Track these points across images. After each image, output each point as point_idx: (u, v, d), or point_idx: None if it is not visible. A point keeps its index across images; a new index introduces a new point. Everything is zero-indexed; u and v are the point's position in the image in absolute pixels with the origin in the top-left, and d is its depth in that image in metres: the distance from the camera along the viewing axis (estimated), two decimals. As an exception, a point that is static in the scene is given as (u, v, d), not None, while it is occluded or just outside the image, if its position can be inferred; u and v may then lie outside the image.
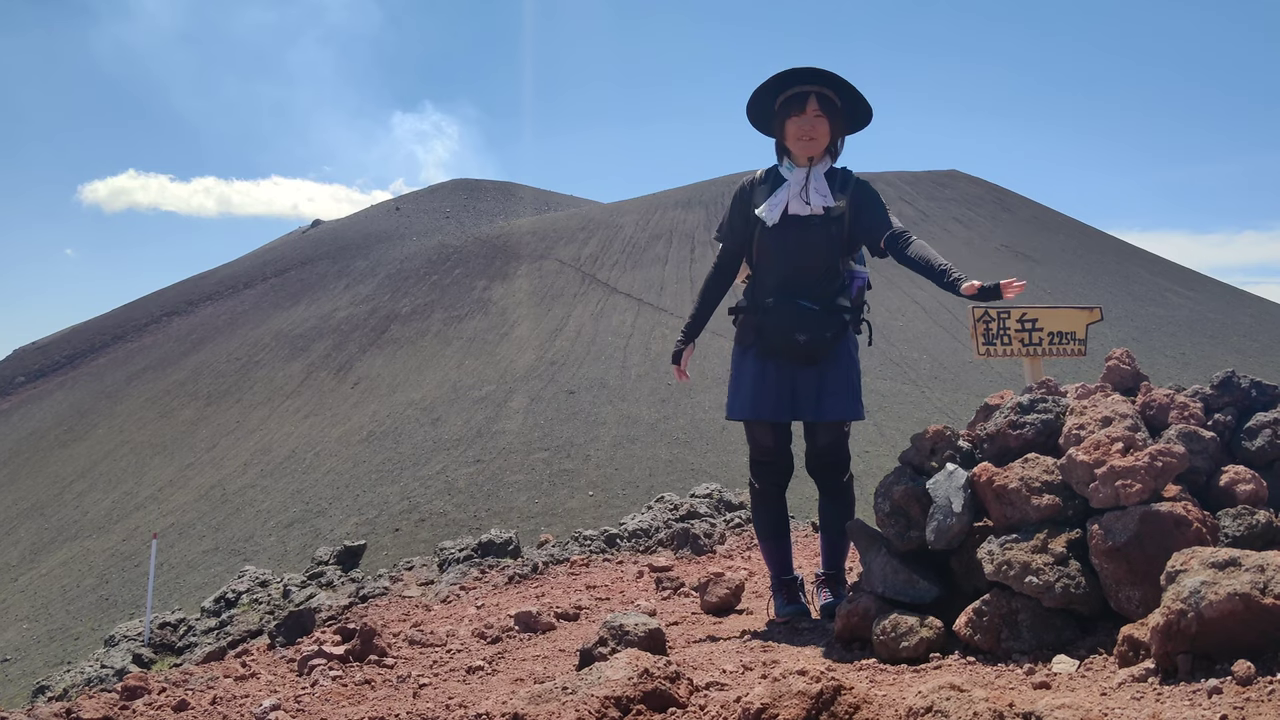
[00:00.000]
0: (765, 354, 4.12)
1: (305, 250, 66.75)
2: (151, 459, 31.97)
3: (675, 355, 4.46)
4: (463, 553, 7.28)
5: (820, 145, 4.08)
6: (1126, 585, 2.90)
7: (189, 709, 3.73)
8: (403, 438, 25.85)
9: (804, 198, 4.07)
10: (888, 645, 3.25)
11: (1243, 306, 40.91)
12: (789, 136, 4.12)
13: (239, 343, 45.56)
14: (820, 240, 4.05)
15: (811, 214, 4.05)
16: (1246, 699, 2.20)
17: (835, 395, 4.10)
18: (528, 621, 4.78)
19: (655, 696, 2.78)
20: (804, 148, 4.08)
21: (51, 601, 20.57)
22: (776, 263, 4.12)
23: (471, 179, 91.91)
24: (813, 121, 4.05)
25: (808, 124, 4.05)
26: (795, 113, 4.07)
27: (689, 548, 6.76)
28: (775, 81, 4.13)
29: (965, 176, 60.07)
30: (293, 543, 19.71)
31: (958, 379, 27.48)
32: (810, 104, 4.04)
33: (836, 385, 4.11)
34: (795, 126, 4.07)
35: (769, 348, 4.10)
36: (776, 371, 4.11)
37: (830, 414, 4.11)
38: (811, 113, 4.04)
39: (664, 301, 37.78)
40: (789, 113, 4.09)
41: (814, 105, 4.04)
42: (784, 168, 4.18)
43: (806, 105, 4.04)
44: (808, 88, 4.06)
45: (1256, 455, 3.37)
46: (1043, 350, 5.03)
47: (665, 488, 16.82)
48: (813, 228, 4.05)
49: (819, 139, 4.07)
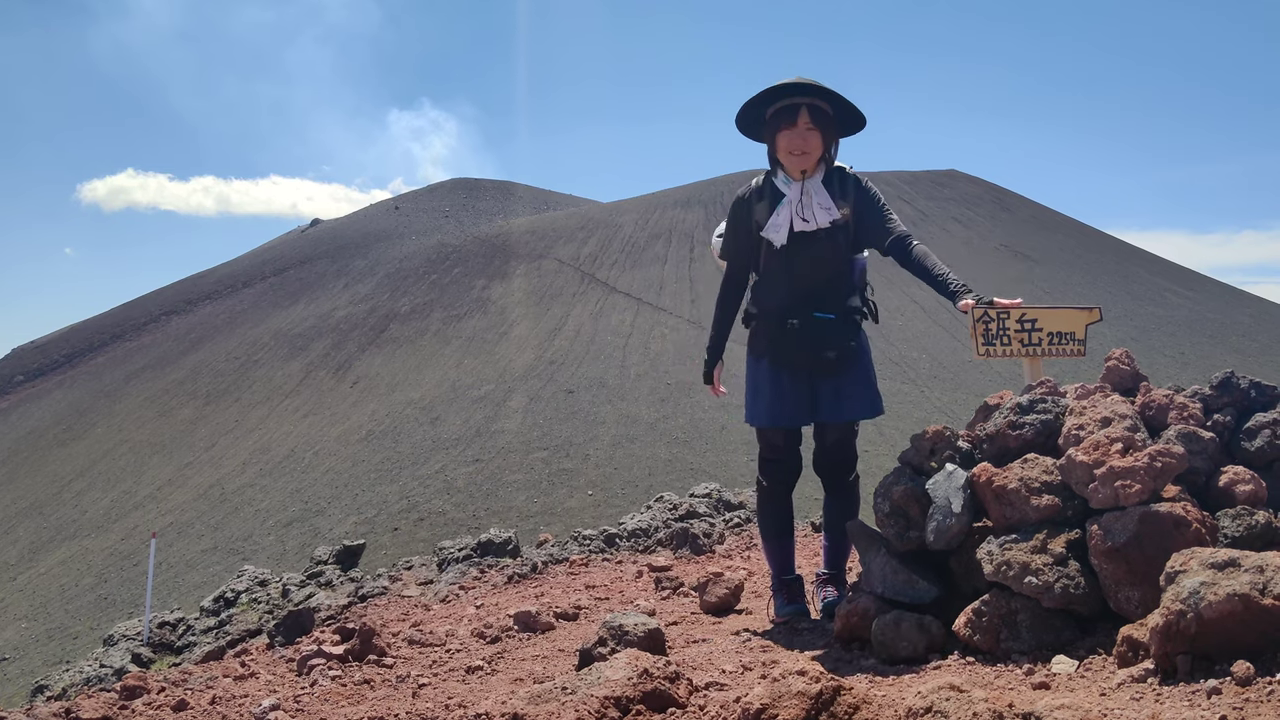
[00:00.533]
0: (781, 364, 4.10)
1: (304, 249, 66.74)
2: (150, 458, 31.95)
3: (706, 376, 4.47)
4: (462, 552, 7.28)
5: (813, 159, 4.02)
6: (1126, 586, 2.90)
7: (188, 709, 3.73)
8: (402, 437, 25.84)
9: (802, 214, 4.01)
10: (887, 645, 3.25)
11: (1242, 306, 40.93)
12: (780, 149, 4.05)
13: (238, 342, 45.54)
14: (828, 252, 4.04)
15: (817, 229, 4.01)
16: (1246, 700, 2.21)
17: (854, 395, 4.10)
18: (527, 621, 4.78)
19: (655, 697, 2.78)
20: (796, 162, 4.02)
21: (50, 601, 20.55)
22: (786, 278, 4.08)
23: (470, 178, 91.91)
24: (804, 135, 3.98)
25: (799, 137, 3.98)
26: (786, 125, 4.00)
27: (688, 547, 6.76)
28: (766, 95, 4.06)
29: (964, 176, 60.08)
30: (291, 542, 19.70)
31: (957, 379, 27.49)
32: (802, 116, 3.97)
33: (855, 385, 4.11)
34: (787, 140, 4.01)
35: (791, 364, 4.07)
36: (792, 377, 4.10)
37: (851, 414, 4.11)
38: (803, 125, 3.97)
39: (663, 301, 37.78)
40: (780, 124, 4.02)
41: (805, 118, 3.97)
42: (780, 180, 4.12)
43: (798, 118, 3.97)
44: (799, 99, 3.99)
45: (1256, 456, 3.37)
46: (1042, 350, 5.02)
47: (664, 487, 16.81)
48: (819, 241, 4.02)
49: (811, 152, 4.01)
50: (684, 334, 32.45)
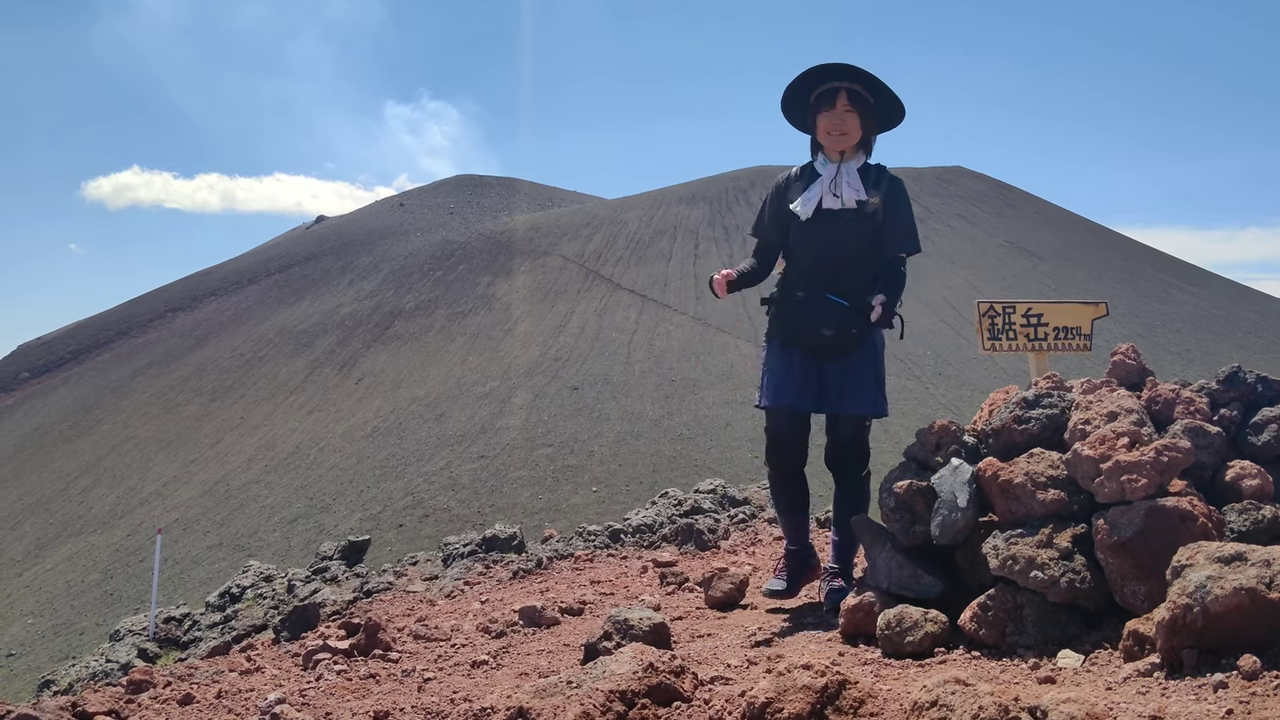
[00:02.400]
0: (790, 344, 4.17)
1: (309, 246, 66.79)
2: (156, 454, 32.02)
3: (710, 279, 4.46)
4: (467, 548, 7.29)
5: (851, 140, 4.12)
6: (1132, 580, 2.90)
7: (194, 703, 3.74)
8: (406, 433, 25.88)
9: (834, 191, 4.10)
10: (892, 640, 3.25)
11: (1247, 303, 40.80)
12: (820, 131, 4.17)
13: (243, 338, 45.61)
14: (851, 235, 4.09)
15: (844, 208, 4.09)
16: (1252, 693, 2.20)
17: (859, 389, 4.12)
18: (532, 616, 4.78)
19: (660, 690, 2.78)
20: (835, 142, 4.12)
21: (56, 596, 20.62)
22: (808, 256, 4.17)
23: (475, 175, 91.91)
24: (842, 116, 4.09)
25: (838, 118, 4.09)
26: (826, 108, 4.11)
27: (693, 543, 6.76)
28: (807, 77, 4.17)
29: (969, 172, 59.93)
30: (297, 538, 19.75)
31: (962, 374, 27.44)
32: (840, 99, 4.08)
33: (861, 379, 4.12)
34: (826, 121, 4.12)
35: (794, 339, 4.15)
36: (801, 361, 4.16)
37: (853, 407, 4.13)
38: (841, 107, 4.08)
39: (668, 298, 37.76)
40: (820, 108, 4.14)
41: (844, 100, 4.08)
42: (818, 163, 4.24)
43: (837, 100, 4.08)
44: (839, 84, 4.10)
45: (1262, 450, 3.36)
46: (1048, 345, 5.02)
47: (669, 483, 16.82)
48: (844, 222, 4.09)
49: (850, 134, 4.11)
50: (688, 331, 32.42)
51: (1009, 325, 4.94)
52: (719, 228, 48.49)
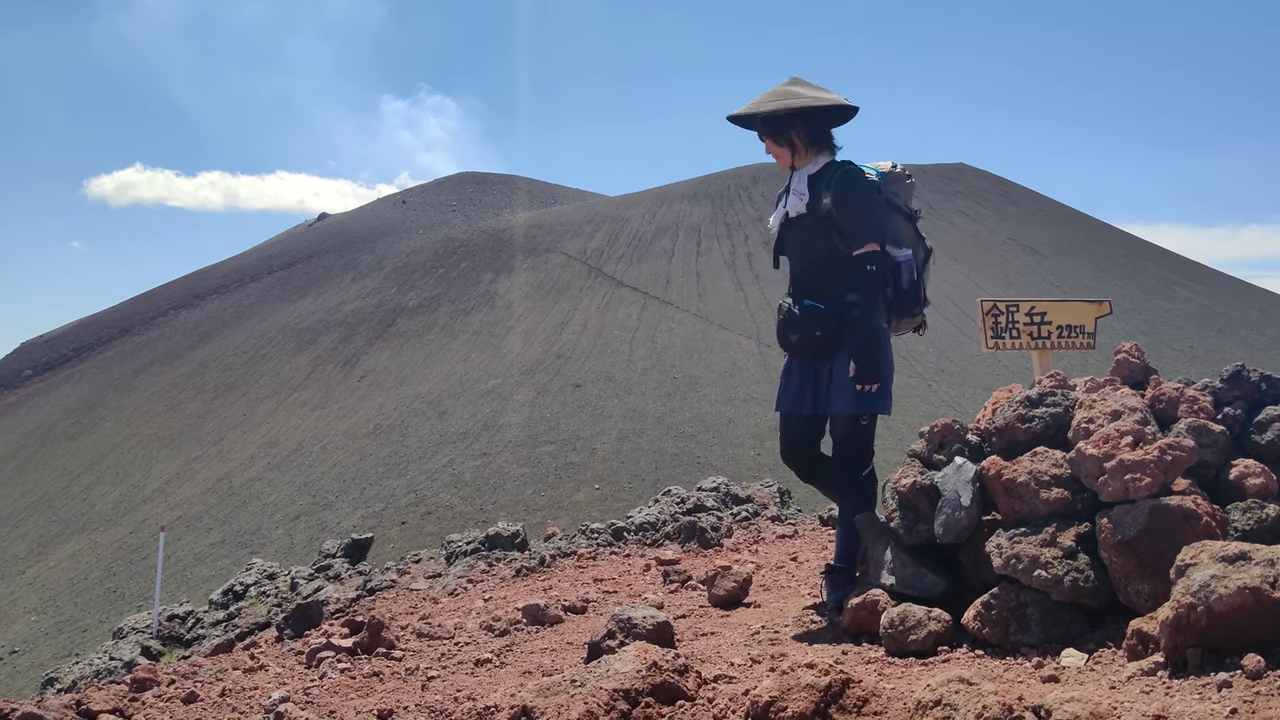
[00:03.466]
0: (785, 351, 4.32)
1: (311, 244, 66.85)
2: (159, 452, 32.08)
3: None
4: (470, 545, 7.29)
5: (785, 164, 4.30)
6: (1135, 579, 2.89)
7: (198, 700, 3.75)
8: (409, 431, 25.90)
9: (786, 202, 4.30)
10: (896, 639, 3.25)
11: (1250, 300, 40.77)
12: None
13: (245, 336, 45.67)
14: (810, 239, 4.19)
15: (800, 214, 4.21)
16: (1256, 692, 2.20)
17: (840, 388, 4.12)
18: (535, 614, 4.79)
19: (663, 689, 2.78)
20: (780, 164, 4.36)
21: (59, 594, 20.67)
22: (791, 264, 4.34)
23: (477, 172, 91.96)
24: (770, 151, 4.32)
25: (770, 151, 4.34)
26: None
27: (696, 541, 6.76)
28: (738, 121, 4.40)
29: (971, 170, 59.89)
30: (300, 535, 19.78)
31: (965, 372, 27.44)
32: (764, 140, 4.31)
33: (841, 379, 4.12)
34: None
35: (781, 345, 4.30)
36: (799, 366, 4.25)
37: (835, 406, 4.13)
38: (766, 146, 4.32)
39: (670, 295, 37.76)
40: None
41: (765, 142, 4.31)
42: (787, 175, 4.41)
43: (763, 140, 4.32)
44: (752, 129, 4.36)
45: (1266, 449, 3.36)
46: (1051, 343, 5.02)
47: (671, 481, 16.82)
48: (804, 228, 4.20)
49: (782, 160, 4.31)
50: (691, 328, 32.41)
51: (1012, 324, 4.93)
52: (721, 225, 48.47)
